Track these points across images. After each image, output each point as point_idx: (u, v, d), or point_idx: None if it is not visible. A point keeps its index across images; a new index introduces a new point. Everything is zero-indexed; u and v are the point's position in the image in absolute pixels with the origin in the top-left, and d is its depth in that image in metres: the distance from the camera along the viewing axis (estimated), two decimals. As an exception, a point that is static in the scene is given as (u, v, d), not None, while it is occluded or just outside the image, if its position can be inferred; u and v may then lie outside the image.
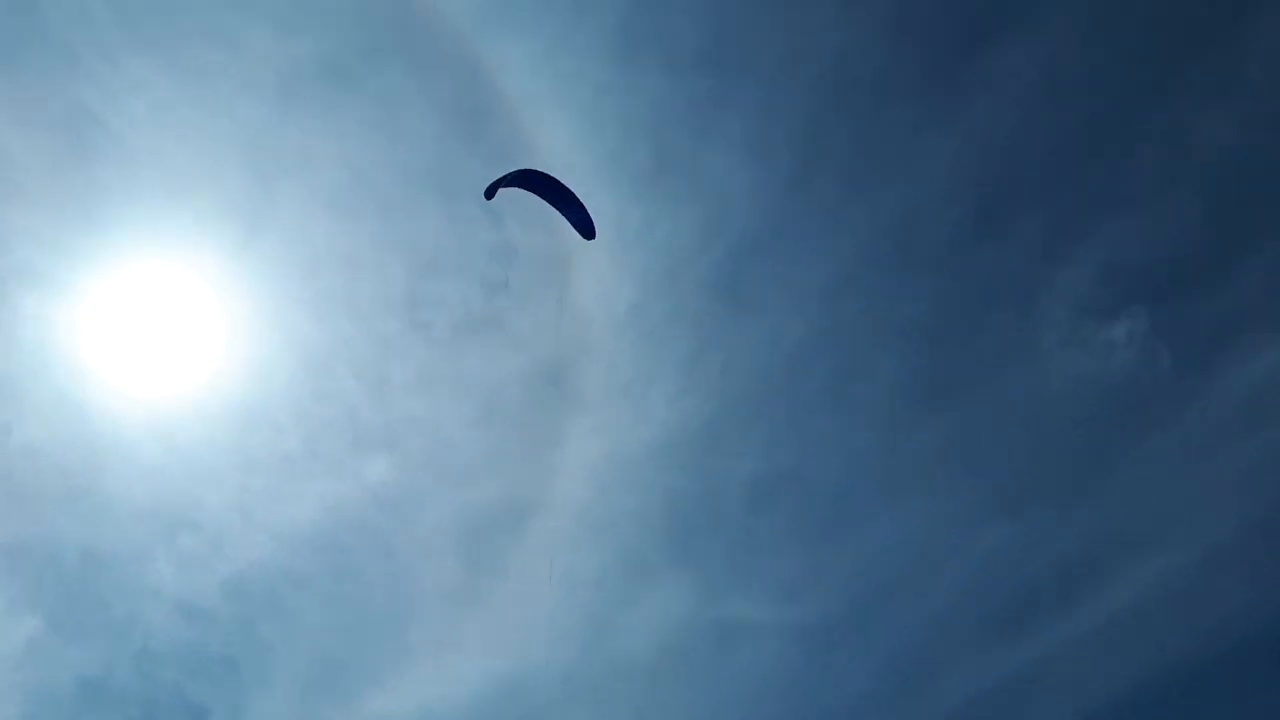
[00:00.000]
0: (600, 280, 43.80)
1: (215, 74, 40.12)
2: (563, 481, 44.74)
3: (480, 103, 40.68)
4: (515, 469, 46.66)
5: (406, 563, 46.08)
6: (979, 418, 42.46)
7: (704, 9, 41.35)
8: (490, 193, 20.39)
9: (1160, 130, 40.10)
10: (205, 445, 43.22)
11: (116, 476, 41.74)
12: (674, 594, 44.16)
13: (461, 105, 41.54)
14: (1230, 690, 37.69)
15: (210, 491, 44.23)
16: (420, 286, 44.49)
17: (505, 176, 20.45)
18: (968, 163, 41.71)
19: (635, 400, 45.40)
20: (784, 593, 42.39)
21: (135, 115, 40.28)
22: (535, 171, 20.77)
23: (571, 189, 20.12)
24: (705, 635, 43.79)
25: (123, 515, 42.16)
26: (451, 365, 45.82)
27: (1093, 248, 41.02)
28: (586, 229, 19.83)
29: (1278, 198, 38.60)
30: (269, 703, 43.37)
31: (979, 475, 42.32)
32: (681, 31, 41.23)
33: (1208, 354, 39.24)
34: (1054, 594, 39.14)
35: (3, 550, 40.91)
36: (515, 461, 46.47)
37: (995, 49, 40.66)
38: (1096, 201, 40.88)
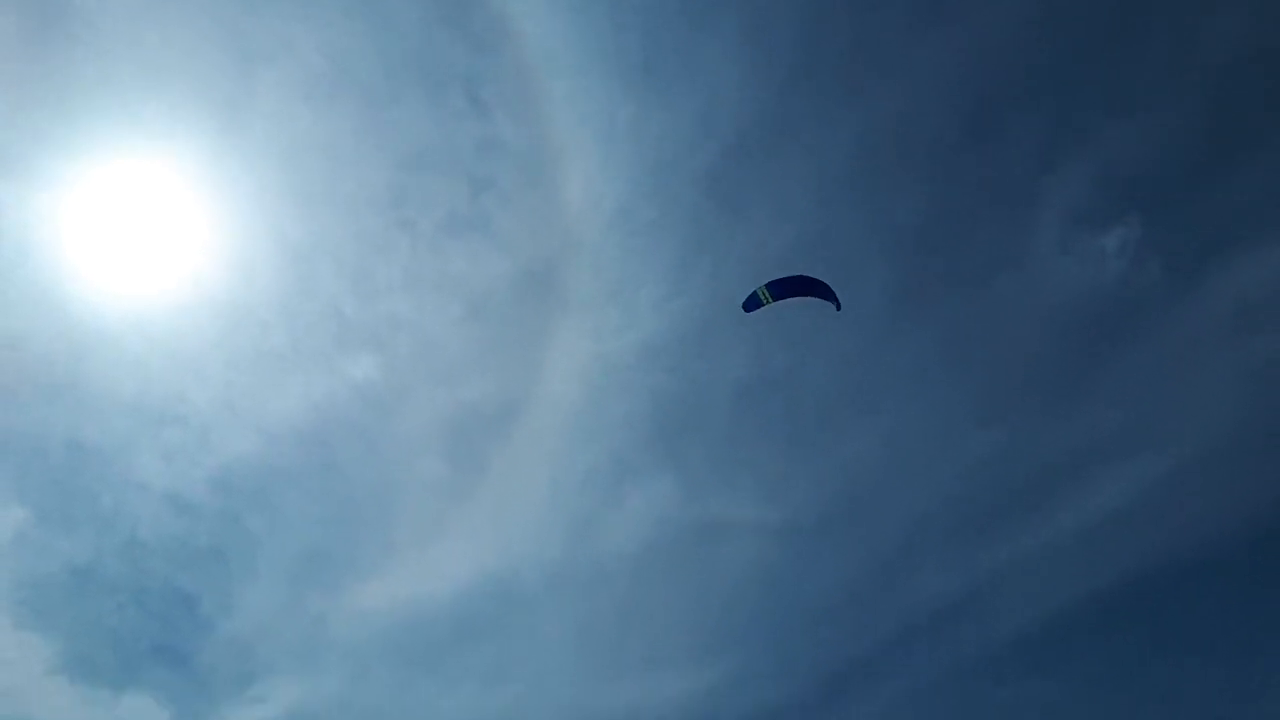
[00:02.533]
0: (589, 180, 43.11)
1: (190, -46, 38.67)
2: (550, 382, 44.88)
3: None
4: (501, 369, 46.73)
5: (392, 459, 46.48)
6: (968, 324, 42.42)
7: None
8: (750, 307, 21.06)
9: (1161, 33, 39.12)
10: (189, 340, 42.98)
11: (100, 370, 41.57)
12: (659, 494, 44.79)
13: (446, -9, 40.27)
14: (1203, 594, 38.63)
15: (195, 386, 44.16)
16: (405, 182, 43.70)
17: (760, 295, 20.72)
18: (965, 64, 40.75)
19: (624, 303, 45.22)
20: (767, 494, 42.97)
21: (108, -2, 38.95)
22: (789, 280, 20.95)
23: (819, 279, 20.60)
24: (689, 534, 44.58)
25: (107, 408, 42.13)
26: (437, 264, 45.38)
27: (1089, 154, 40.42)
28: (836, 302, 20.21)
29: (1274, 107, 38.00)
30: (256, 593, 44.23)
31: (966, 381, 42.51)
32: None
33: (1198, 264, 39.05)
34: (1034, 499, 39.74)
35: (-12, 441, 41.08)
36: (501, 362, 46.53)
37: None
38: (1095, 106, 40.09)
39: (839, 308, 19.65)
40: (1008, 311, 41.61)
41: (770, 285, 19.77)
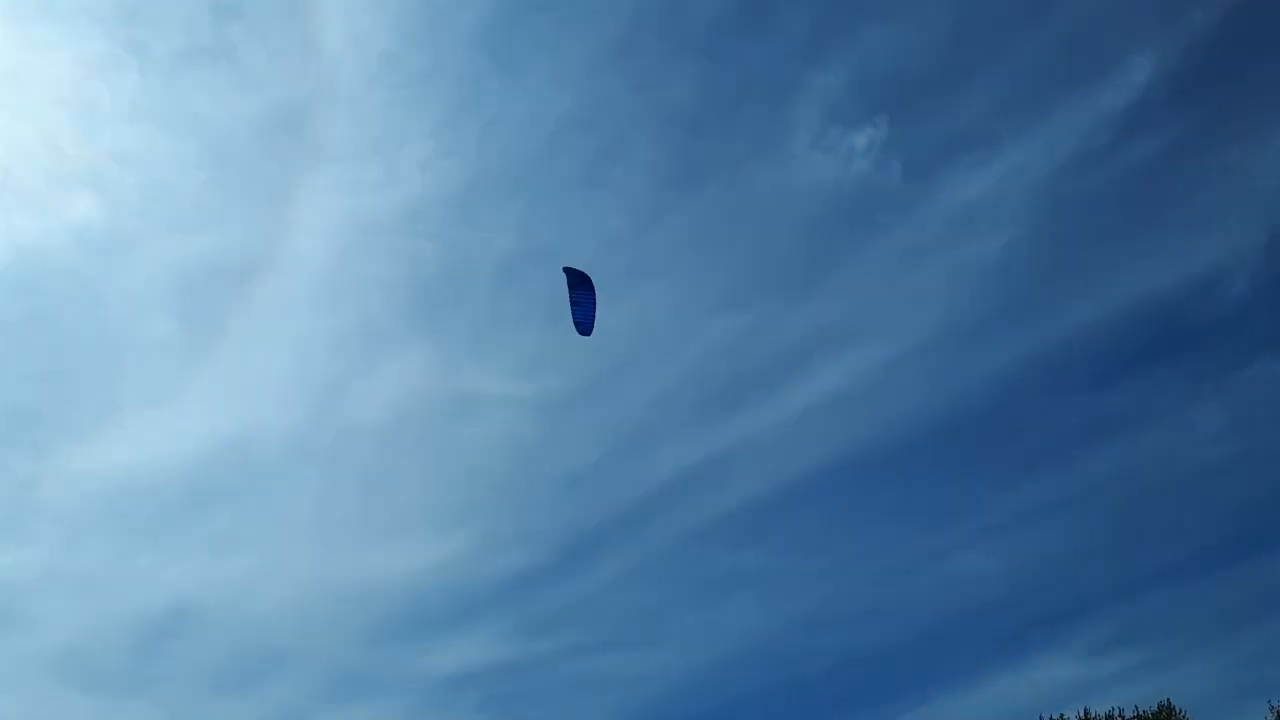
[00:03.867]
0: (352, 17, 40.30)
1: None
2: (297, 240, 42.16)
3: None
4: (243, 221, 43.41)
5: (115, 314, 42.46)
6: (724, 211, 44.06)
7: None
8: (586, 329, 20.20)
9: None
10: None
11: None
12: (413, 364, 43.79)
13: None
14: (908, 470, 42.93)
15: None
16: (136, 0, 39.18)
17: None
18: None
19: (385, 159, 43.06)
20: (523, 367, 43.13)
21: None
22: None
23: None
24: (441, 405, 44.12)
25: None
26: (172, 98, 41.05)
27: (850, 53, 42.58)
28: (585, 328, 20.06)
29: (1014, 27, 41.60)
30: (-52, 454, 39.58)
31: (715, 267, 44.34)
32: None
33: (932, 169, 42.42)
34: (768, 380, 42.33)
35: None
36: (243, 213, 43.17)
37: None
38: (859, 5, 42.22)
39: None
40: (760, 201, 43.61)
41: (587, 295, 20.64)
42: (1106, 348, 40.70)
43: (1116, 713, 23.91)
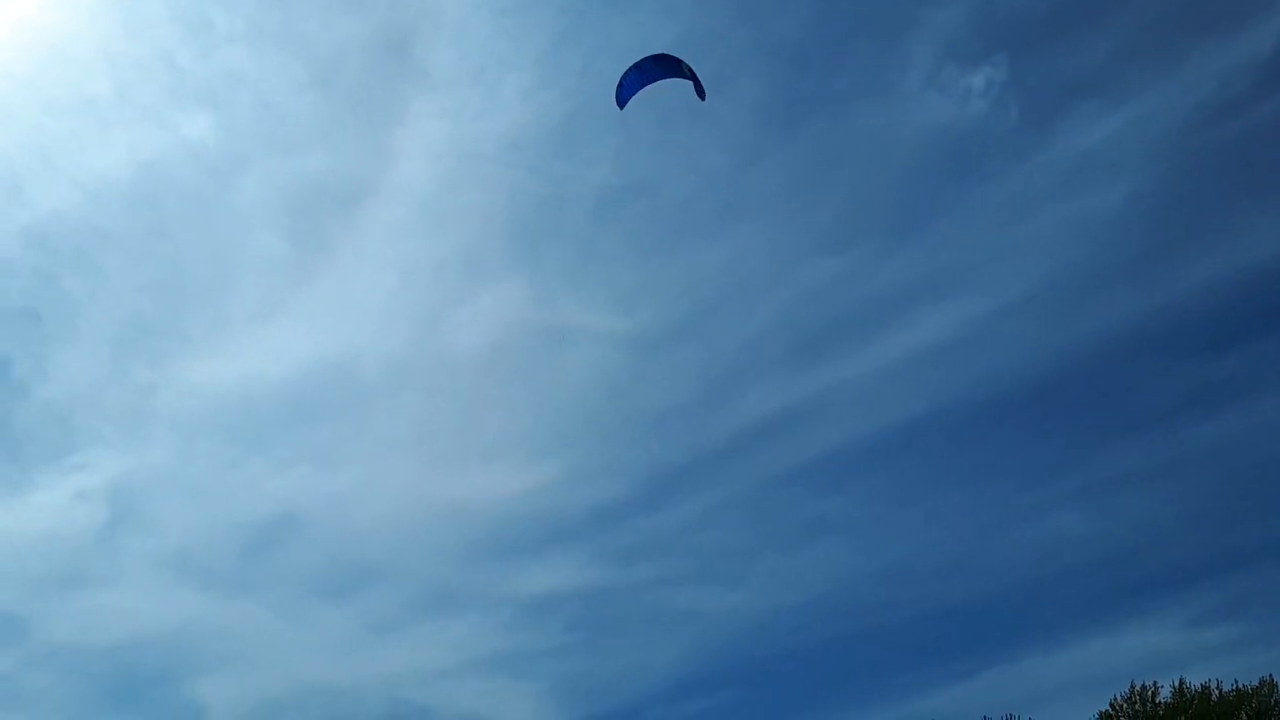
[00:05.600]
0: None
1: None
2: (401, 164, 42.65)
3: None
4: (351, 144, 44.02)
5: (227, 228, 43.76)
6: (829, 151, 42.96)
7: None
8: (622, 102, 19.50)
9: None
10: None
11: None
12: (510, 294, 44.23)
13: None
14: (1001, 431, 42.04)
15: (2, 131, 40.05)
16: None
17: (626, 80, 19.23)
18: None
19: (487, 87, 43.02)
20: (617, 303, 43.30)
21: None
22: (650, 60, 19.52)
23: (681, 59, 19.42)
24: (537, 337, 44.61)
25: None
26: (283, 16, 41.54)
27: (969, -13, 40.64)
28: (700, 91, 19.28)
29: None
30: (75, 358, 41.57)
31: (817, 208, 43.41)
32: None
33: (1053, 113, 40.57)
34: (863, 327, 41.64)
35: None
36: (351, 136, 43.74)
37: None
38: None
39: (703, 96, 19.64)
40: (869, 141, 42.38)
41: (638, 67, 19.47)
42: (1224, 311, 38.92)
43: (1214, 685, 23.41)
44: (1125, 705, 24.07)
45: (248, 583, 39.57)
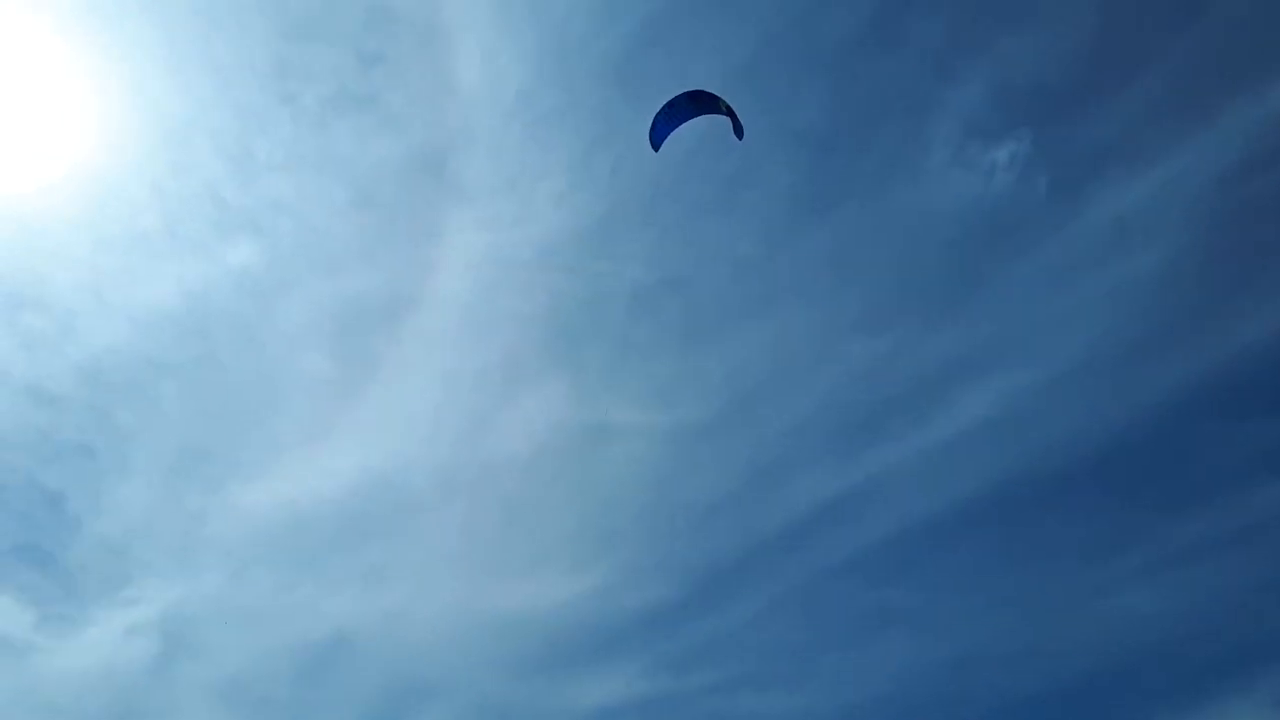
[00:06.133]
0: (488, 59, 41.44)
1: None
2: (441, 277, 43.58)
3: None
4: (390, 260, 45.05)
5: (274, 352, 44.67)
6: (859, 232, 42.94)
7: None
8: (657, 144, 19.64)
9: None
10: (51, 218, 40.07)
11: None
12: (551, 396, 44.36)
13: None
14: (1061, 504, 40.56)
15: (58, 269, 41.36)
16: (288, 53, 41.06)
17: (659, 120, 19.30)
18: (871, -35, 40.60)
19: (521, 194, 43.98)
20: (657, 397, 43.14)
21: None
22: (685, 98, 19.54)
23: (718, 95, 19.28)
24: (578, 437, 44.50)
25: (-45, 290, 39.39)
26: (321, 144, 43.08)
27: (987, 63, 40.85)
28: (738, 131, 18.98)
29: (1167, 26, 39.18)
30: (129, 490, 42.28)
31: (853, 287, 43.17)
32: None
33: (1081, 182, 40.25)
34: (908, 409, 40.82)
35: None
36: (390, 252, 44.83)
37: None
38: (993, 16, 40.50)
39: (741, 135, 19.17)
40: (898, 220, 42.30)
41: (672, 105, 19.08)
42: (1282, 366, 37.61)
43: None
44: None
45: (302, 709, 39.19)
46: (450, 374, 45.04)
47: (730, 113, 19.17)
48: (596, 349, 44.55)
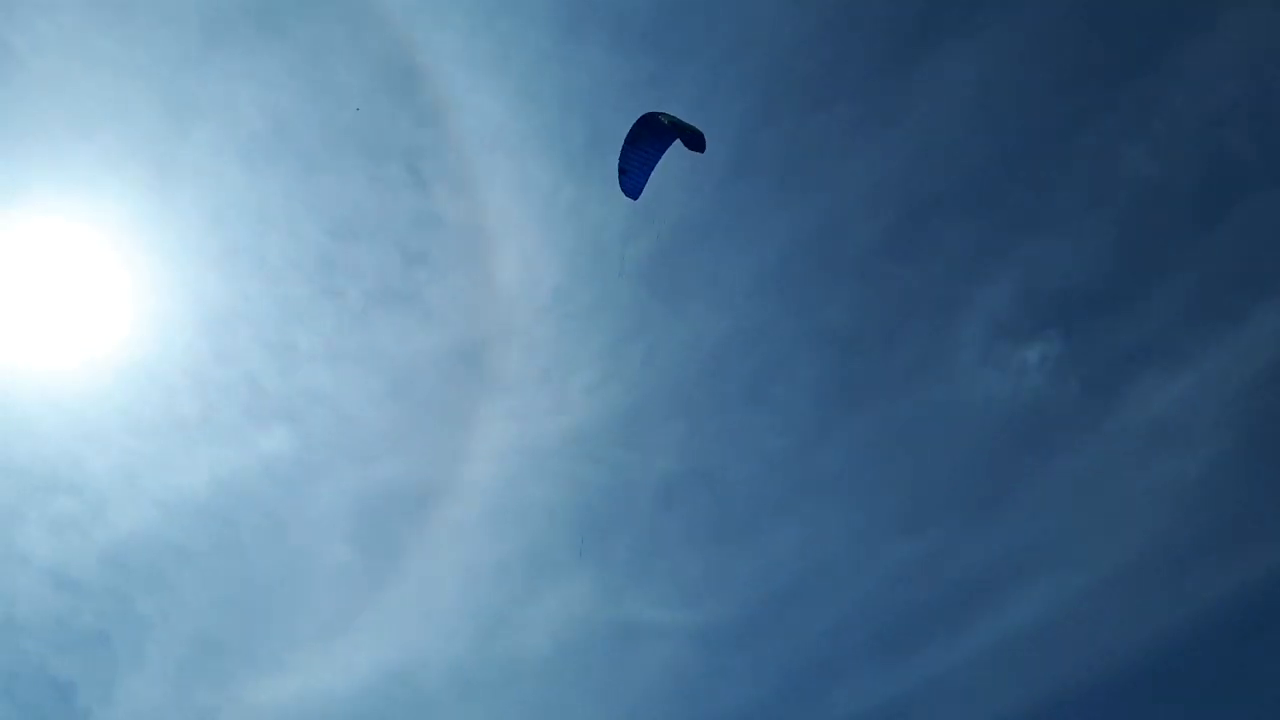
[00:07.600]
0: (526, 259, 42.91)
1: (134, 2, 38.34)
2: (471, 467, 43.41)
3: (412, 60, 39.50)
4: (421, 451, 45.15)
5: (299, 541, 44.10)
6: (891, 430, 42.65)
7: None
8: (634, 193, 19.63)
9: (1087, 155, 41.15)
10: (90, 402, 40.80)
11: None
12: (576, 591, 43.19)
13: (392, 61, 40.28)
14: (1114, 712, 38.39)
15: (93, 452, 41.78)
16: (335, 250, 42.87)
17: (629, 168, 19.44)
18: (899, 171, 42.18)
19: (553, 387, 44.45)
20: (685, 595, 41.85)
21: (41, 38, 38.15)
22: (645, 138, 19.55)
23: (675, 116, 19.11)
24: (604, 635, 42.91)
25: (-8, 470, 39.72)
26: (362, 337, 44.20)
27: (1014, 268, 41.75)
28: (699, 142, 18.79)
29: (1191, 232, 39.93)
30: (140, 683, 40.91)
31: (886, 488, 42.49)
32: (628, 6, 40.86)
33: (1115, 382, 40.12)
34: (949, 613, 39.38)
35: None
36: (422, 443, 45.00)
37: (934, 62, 41.34)
38: (1021, 221, 41.65)
39: (703, 147, 18.38)
40: (931, 420, 42.08)
41: (634, 146, 18.41)
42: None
43: None
44: None
45: None
46: (474, 566, 44.17)
47: (685, 127, 18.64)
48: (623, 542, 43.69)
